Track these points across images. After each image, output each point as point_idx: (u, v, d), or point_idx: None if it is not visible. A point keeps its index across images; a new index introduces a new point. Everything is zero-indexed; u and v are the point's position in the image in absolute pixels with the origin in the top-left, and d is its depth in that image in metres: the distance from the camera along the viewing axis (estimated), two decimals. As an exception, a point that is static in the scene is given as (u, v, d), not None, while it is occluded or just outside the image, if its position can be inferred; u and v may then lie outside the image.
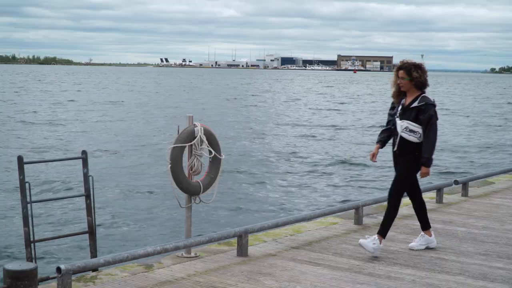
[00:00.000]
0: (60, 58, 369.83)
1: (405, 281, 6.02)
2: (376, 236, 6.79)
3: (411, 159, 6.68)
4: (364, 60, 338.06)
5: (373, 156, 7.03)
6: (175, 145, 6.34)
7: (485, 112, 47.25)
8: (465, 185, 10.49)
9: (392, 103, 6.93)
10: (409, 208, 9.43)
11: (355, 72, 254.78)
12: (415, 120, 6.59)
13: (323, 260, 6.63)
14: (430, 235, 7.15)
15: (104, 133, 27.30)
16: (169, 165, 6.29)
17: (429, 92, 6.84)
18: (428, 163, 6.63)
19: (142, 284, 5.72)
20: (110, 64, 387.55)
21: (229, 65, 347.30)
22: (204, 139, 6.49)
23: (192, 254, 6.64)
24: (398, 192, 6.85)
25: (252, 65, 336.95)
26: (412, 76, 6.62)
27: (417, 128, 6.59)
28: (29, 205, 6.33)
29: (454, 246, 7.36)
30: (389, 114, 6.95)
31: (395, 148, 6.77)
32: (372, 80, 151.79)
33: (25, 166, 6.31)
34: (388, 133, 6.96)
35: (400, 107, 6.74)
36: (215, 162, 6.68)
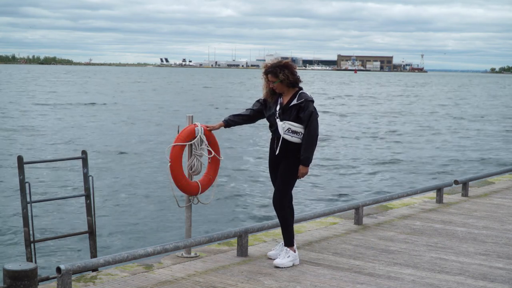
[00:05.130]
0: (60, 58, 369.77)
1: (405, 281, 6.02)
2: (286, 250, 6.44)
3: (295, 161, 6.29)
4: (364, 60, 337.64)
5: (208, 126, 6.53)
6: (176, 144, 6.34)
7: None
8: (465, 185, 10.49)
9: (264, 100, 6.49)
10: (409, 208, 9.44)
11: (355, 72, 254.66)
12: (296, 119, 6.25)
13: (323, 260, 6.63)
14: (295, 251, 6.49)
15: (103, 133, 27.30)
16: (169, 164, 6.29)
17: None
18: (307, 162, 6.26)
19: (142, 284, 5.72)
20: (110, 64, 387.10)
21: (229, 65, 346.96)
22: (204, 139, 6.49)
23: (192, 254, 6.64)
24: (285, 197, 6.40)
25: (252, 65, 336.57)
26: (280, 78, 6.28)
27: (299, 128, 6.24)
28: (29, 205, 6.33)
29: (454, 246, 7.36)
30: (259, 102, 6.53)
31: (277, 151, 6.34)
32: (374, 79, 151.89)
33: (25, 166, 6.30)
34: (243, 118, 6.57)
35: (278, 107, 6.36)
36: (214, 163, 6.67)
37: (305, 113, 6.23)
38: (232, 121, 6.59)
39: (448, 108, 50.96)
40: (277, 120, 6.35)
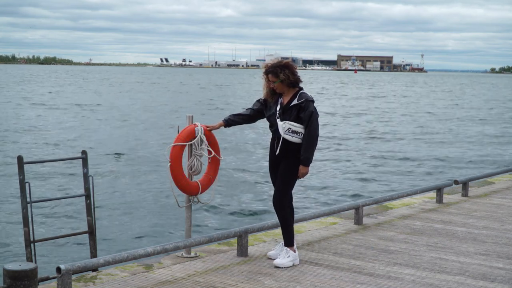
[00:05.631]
0: (60, 58, 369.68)
1: (405, 281, 6.02)
2: (286, 250, 6.44)
3: (295, 161, 6.29)
4: (364, 60, 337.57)
5: (208, 126, 6.56)
6: (176, 144, 6.34)
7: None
8: (465, 185, 10.49)
9: (265, 100, 6.48)
10: (409, 208, 9.44)
11: (355, 72, 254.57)
12: (296, 119, 6.24)
13: (323, 260, 6.63)
14: (295, 251, 6.49)
15: (103, 133, 27.31)
16: (169, 164, 6.30)
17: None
18: (307, 162, 6.26)
19: (142, 284, 5.72)
20: (110, 64, 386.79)
21: (229, 65, 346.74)
22: (204, 139, 6.49)
23: (192, 254, 6.64)
24: (285, 197, 6.40)
25: (252, 65, 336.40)
26: (280, 78, 6.27)
27: (300, 128, 6.24)
28: (29, 205, 6.32)
29: (454, 246, 7.36)
30: (259, 102, 6.53)
31: (278, 152, 6.34)
32: (374, 79, 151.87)
33: (25, 166, 6.30)
34: (243, 118, 6.56)
35: (278, 107, 6.36)
36: (214, 163, 6.67)
37: (305, 113, 6.23)
38: (232, 121, 6.59)
39: (448, 108, 50.96)
40: (277, 120, 6.35)
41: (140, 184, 15.89)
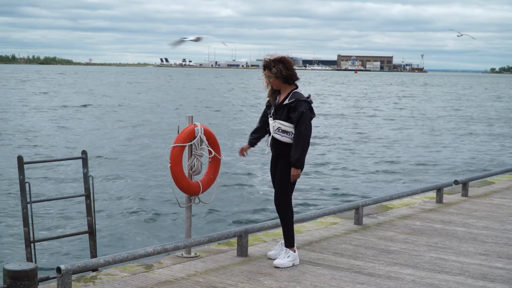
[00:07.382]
0: (60, 58, 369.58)
1: (405, 281, 6.02)
2: (286, 250, 6.42)
3: (290, 163, 6.20)
4: (364, 60, 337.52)
5: (241, 151, 6.59)
6: (176, 145, 6.34)
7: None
8: (465, 185, 10.49)
9: (268, 101, 6.49)
10: (409, 208, 9.44)
11: (356, 72, 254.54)
12: (288, 119, 6.16)
13: (323, 260, 6.63)
14: (294, 251, 6.48)
15: (104, 133, 27.30)
16: (170, 165, 6.30)
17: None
18: (297, 164, 6.11)
19: (142, 284, 5.72)
20: (110, 64, 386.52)
21: (229, 65, 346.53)
22: (204, 139, 6.49)
23: (192, 254, 6.65)
24: (284, 198, 6.35)
25: (252, 65, 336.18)
26: (273, 72, 6.18)
27: (290, 128, 6.14)
28: (29, 205, 6.32)
29: (454, 246, 7.36)
30: (266, 106, 6.56)
31: (267, 151, 6.38)
32: (373, 79, 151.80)
33: (25, 166, 6.30)
34: (259, 132, 6.56)
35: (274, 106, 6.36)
36: (214, 163, 6.67)
37: (295, 113, 6.15)
38: (254, 139, 6.58)
39: (448, 109, 50.96)
40: (270, 119, 6.35)
41: (140, 183, 15.89)
